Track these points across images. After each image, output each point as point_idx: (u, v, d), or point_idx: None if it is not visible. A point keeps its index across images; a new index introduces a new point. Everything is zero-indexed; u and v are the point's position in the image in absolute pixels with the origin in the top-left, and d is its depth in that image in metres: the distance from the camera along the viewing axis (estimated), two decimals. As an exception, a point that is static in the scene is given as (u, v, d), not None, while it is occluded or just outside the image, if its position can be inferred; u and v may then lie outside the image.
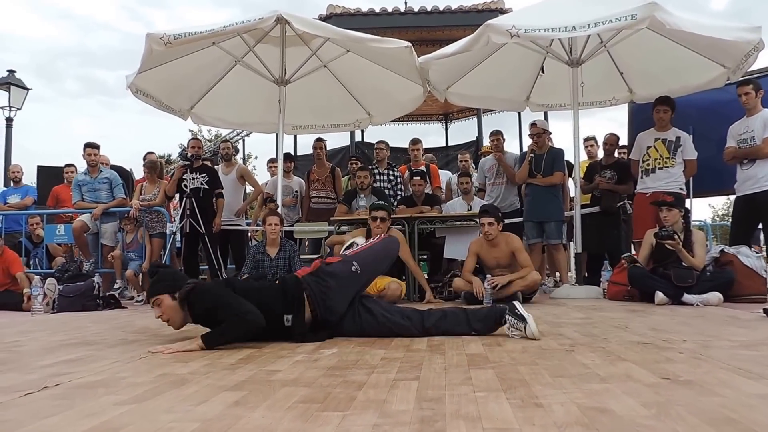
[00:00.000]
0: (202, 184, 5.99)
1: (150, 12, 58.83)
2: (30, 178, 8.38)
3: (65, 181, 7.31)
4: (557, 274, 6.56)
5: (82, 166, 6.99)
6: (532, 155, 5.81)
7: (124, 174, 7.36)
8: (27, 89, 10.59)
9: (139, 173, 8.00)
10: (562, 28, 4.89)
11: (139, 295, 5.99)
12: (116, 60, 62.81)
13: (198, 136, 7.60)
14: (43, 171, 8.18)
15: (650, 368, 1.79)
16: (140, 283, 6.14)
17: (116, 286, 6.25)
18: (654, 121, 5.52)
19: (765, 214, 5.09)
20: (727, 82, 5.77)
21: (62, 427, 1.29)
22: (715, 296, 4.22)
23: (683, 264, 4.48)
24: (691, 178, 5.55)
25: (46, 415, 1.39)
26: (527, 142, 6.52)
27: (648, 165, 5.47)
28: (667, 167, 5.35)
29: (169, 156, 21.27)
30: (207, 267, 6.18)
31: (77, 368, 2.06)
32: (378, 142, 6.88)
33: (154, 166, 6.69)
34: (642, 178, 5.53)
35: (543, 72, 6.59)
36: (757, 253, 5.16)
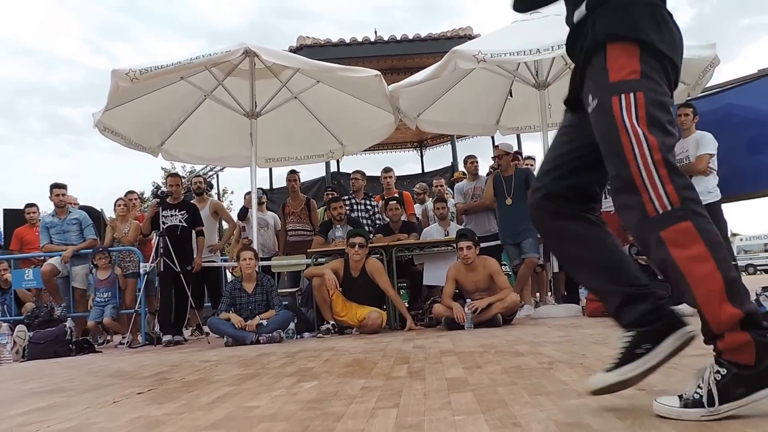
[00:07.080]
0: (181, 221, 5.90)
1: (113, 45, 58.46)
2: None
3: (27, 222, 7.12)
4: (537, 294, 6.60)
5: (47, 206, 6.81)
6: (494, 171, 5.95)
7: (95, 214, 7.22)
8: None
9: (109, 213, 7.86)
10: (527, 51, 5.02)
11: (123, 338, 5.82)
12: (81, 96, 61.99)
13: (174, 172, 7.55)
14: (9, 214, 7.99)
15: (627, 381, 1.80)
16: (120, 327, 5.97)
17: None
18: None
19: None
20: (688, 98, 5.98)
21: (28, 478, 1.24)
22: (688, 307, 4.27)
23: (659, 277, 4.54)
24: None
25: (11, 467, 1.34)
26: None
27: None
28: None
29: (142, 194, 21.00)
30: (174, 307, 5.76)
31: (47, 416, 2.00)
32: (354, 172, 6.85)
33: (127, 203, 6.59)
34: (606, 197, 5.64)
35: (511, 96, 6.72)
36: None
